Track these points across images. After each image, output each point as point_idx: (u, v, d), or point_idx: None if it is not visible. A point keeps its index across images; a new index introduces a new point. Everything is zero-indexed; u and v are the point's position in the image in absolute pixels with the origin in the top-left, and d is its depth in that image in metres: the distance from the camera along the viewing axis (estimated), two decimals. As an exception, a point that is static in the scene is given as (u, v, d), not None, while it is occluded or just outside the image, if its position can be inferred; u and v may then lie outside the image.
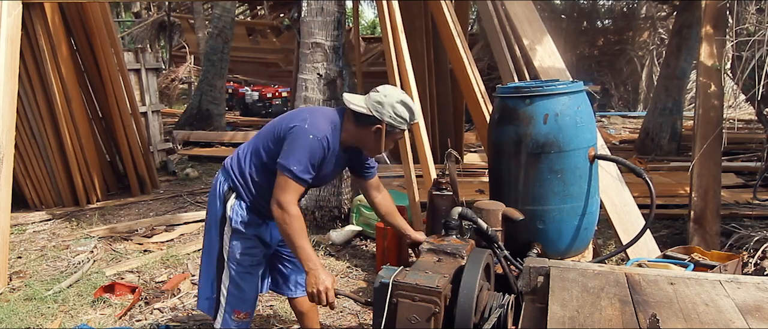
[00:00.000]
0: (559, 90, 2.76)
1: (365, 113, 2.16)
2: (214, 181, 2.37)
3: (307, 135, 2.10)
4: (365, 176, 2.45)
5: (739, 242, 3.98)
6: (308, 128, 2.11)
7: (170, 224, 5.20)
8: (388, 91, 2.19)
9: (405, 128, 2.22)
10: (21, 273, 4.13)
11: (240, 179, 2.28)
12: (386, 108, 2.15)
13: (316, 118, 2.17)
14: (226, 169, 2.33)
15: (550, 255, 2.75)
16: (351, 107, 2.18)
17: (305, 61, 4.70)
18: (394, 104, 2.16)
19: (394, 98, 2.17)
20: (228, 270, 2.33)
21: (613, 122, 10.91)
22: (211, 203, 2.36)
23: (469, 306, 1.81)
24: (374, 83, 8.70)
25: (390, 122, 2.16)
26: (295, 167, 2.08)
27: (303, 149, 2.09)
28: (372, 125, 2.17)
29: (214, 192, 2.35)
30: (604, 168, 3.52)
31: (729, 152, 6.66)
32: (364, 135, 2.21)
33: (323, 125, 2.15)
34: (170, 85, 15.26)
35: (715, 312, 1.48)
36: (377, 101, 2.16)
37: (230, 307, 2.36)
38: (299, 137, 2.11)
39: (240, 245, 2.30)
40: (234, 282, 2.33)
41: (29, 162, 5.63)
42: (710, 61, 4.24)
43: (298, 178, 2.09)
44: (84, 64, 5.96)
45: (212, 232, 2.36)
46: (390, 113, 2.15)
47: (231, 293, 2.34)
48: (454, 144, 6.41)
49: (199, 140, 8.98)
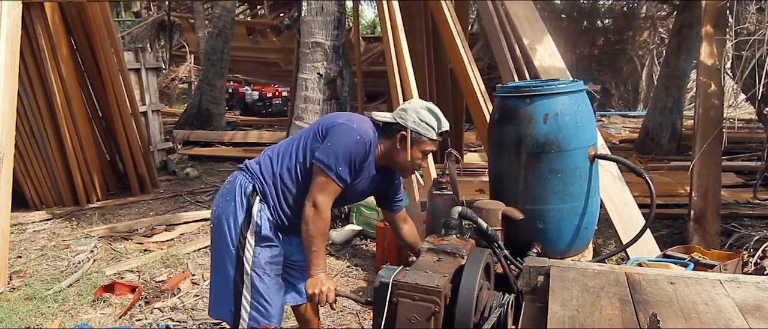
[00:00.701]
0: (559, 90, 2.76)
1: (390, 122, 2.12)
2: (231, 182, 2.20)
3: (354, 135, 2.03)
4: (393, 210, 2.39)
5: (739, 241, 3.98)
6: (356, 127, 2.04)
7: (170, 224, 5.20)
8: (414, 100, 2.18)
9: (432, 135, 2.12)
10: (21, 273, 4.13)
11: (269, 182, 2.14)
12: (409, 114, 2.11)
13: (362, 121, 2.10)
14: (250, 170, 2.19)
15: (550, 254, 2.75)
16: (377, 118, 2.14)
17: (305, 61, 4.70)
18: (418, 110, 2.11)
19: (418, 104, 2.14)
20: (252, 280, 2.14)
21: (613, 121, 10.91)
22: (226, 209, 2.16)
23: (469, 305, 1.81)
24: (374, 82, 8.72)
25: (414, 128, 2.09)
26: (338, 167, 2.00)
27: (347, 148, 2.01)
28: (397, 133, 2.12)
29: (233, 196, 2.16)
30: (604, 168, 3.52)
31: (729, 151, 6.66)
32: (392, 147, 2.14)
33: (369, 131, 2.08)
34: (170, 84, 15.27)
35: (715, 312, 1.48)
36: (401, 109, 2.14)
37: (255, 322, 2.17)
38: (345, 134, 2.03)
39: (268, 253, 2.15)
40: (260, 294, 2.15)
41: (29, 162, 5.63)
42: (710, 61, 4.24)
43: (339, 178, 2.02)
44: (84, 64, 5.96)
45: (227, 241, 2.15)
46: (414, 118, 2.10)
47: (256, 307, 2.16)
48: (454, 143, 6.41)
49: (199, 139, 8.98)
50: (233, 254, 2.14)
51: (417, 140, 2.12)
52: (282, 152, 2.19)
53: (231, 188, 2.19)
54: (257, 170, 2.18)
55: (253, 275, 2.14)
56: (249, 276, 2.14)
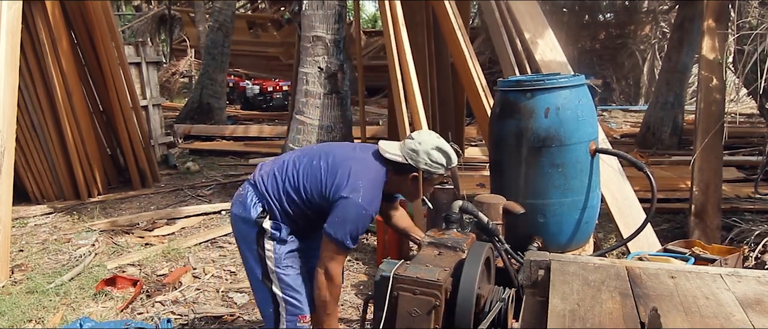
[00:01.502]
0: (561, 84, 2.76)
1: (401, 162, 2.18)
2: (243, 198, 2.28)
3: (360, 210, 2.10)
4: (391, 201, 2.49)
5: (740, 236, 3.98)
6: (361, 202, 2.10)
7: (171, 218, 5.20)
8: (423, 137, 2.22)
9: (443, 172, 2.23)
10: (23, 266, 4.14)
11: (276, 201, 2.23)
12: (421, 156, 2.17)
13: (367, 187, 2.13)
14: (260, 191, 2.25)
15: (550, 248, 2.75)
16: (387, 156, 2.20)
17: (306, 55, 4.69)
18: (430, 151, 2.18)
19: (429, 144, 2.19)
20: (278, 277, 2.25)
21: (614, 115, 10.89)
22: (241, 224, 2.28)
23: (470, 299, 1.81)
24: (375, 76, 8.68)
25: (425, 169, 2.19)
26: (347, 241, 2.10)
27: (355, 223, 2.10)
28: (409, 173, 2.20)
29: (245, 210, 2.25)
30: (605, 162, 3.51)
31: (730, 146, 6.64)
32: (402, 182, 2.24)
33: (375, 193, 2.16)
34: (171, 78, 15.24)
35: (715, 306, 1.48)
36: (412, 150, 2.18)
37: (293, 316, 2.27)
38: (351, 211, 2.10)
39: (285, 248, 2.25)
40: (290, 286, 2.26)
41: (30, 155, 5.64)
42: (712, 55, 4.22)
43: (347, 248, 2.13)
44: (84, 58, 5.95)
45: (249, 245, 2.28)
46: (426, 160, 2.18)
47: (289, 301, 2.26)
48: (455, 138, 6.38)
49: (200, 133, 8.97)
50: (256, 256, 2.26)
51: (427, 178, 2.23)
52: (290, 186, 2.23)
53: (243, 201, 2.28)
54: (264, 189, 2.25)
55: (278, 271, 2.25)
56: (274, 273, 2.25)
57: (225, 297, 3.61)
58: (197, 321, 3.30)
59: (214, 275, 3.94)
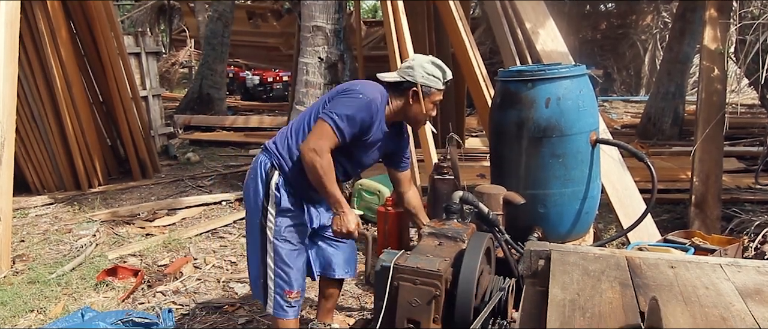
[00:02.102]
0: (562, 74, 2.75)
1: (399, 81, 2.24)
2: (254, 164, 2.35)
3: (357, 94, 2.16)
4: (401, 168, 2.51)
5: (740, 226, 3.98)
6: (359, 88, 2.18)
7: (172, 209, 5.21)
8: (416, 56, 2.31)
9: (441, 86, 2.27)
10: (24, 257, 4.15)
11: (284, 155, 2.28)
12: (417, 70, 2.24)
13: (367, 84, 2.23)
14: (268, 149, 2.33)
15: (551, 238, 2.76)
16: (384, 79, 2.27)
17: (306, 45, 4.68)
18: (424, 64, 2.24)
19: (423, 59, 2.27)
20: (274, 249, 2.29)
21: (615, 106, 10.88)
22: (251, 186, 2.33)
23: (470, 289, 1.82)
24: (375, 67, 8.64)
25: (424, 82, 2.23)
26: (338, 118, 2.11)
27: (350, 104, 2.14)
28: (408, 90, 2.25)
29: (255, 174, 2.31)
30: (605, 152, 3.51)
31: (731, 136, 6.63)
32: (404, 104, 2.28)
33: (374, 92, 2.20)
34: (171, 69, 15.22)
35: (715, 295, 1.49)
36: (407, 66, 2.26)
37: (280, 288, 2.32)
38: (349, 95, 2.16)
39: (287, 221, 2.28)
40: (282, 260, 2.30)
41: (30, 146, 5.64)
42: (714, 45, 4.21)
43: (337, 127, 2.12)
44: (84, 48, 5.94)
45: (254, 216, 2.32)
46: (422, 73, 2.23)
47: (279, 274, 2.30)
48: (456, 128, 6.39)
49: (200, 124, 8.97)
50: (257, 226, 2.30)
51: (427, 92, 2.26)
52: (296, 126, 2.32)
53: (254, 166, 2.35)
54: (274, 147, 2.32)
55: (275, 242, 2.29)
56: (272, 244, 2.29)
57: (226, 287, 3.63)
58: (198, 311, 3.31)
59: (215, 265, 3.96)
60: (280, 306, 2.33)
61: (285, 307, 2.34)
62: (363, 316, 3.05)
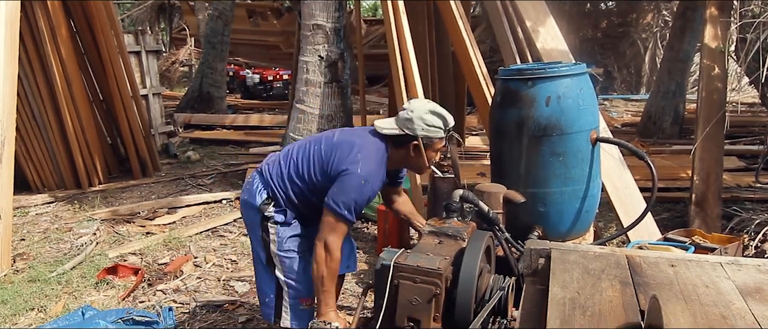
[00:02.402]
0: (562, 72, 2.75)
1: (399, 134, 2.18)
2: (250, 186, 2.32)
3: (360, 180, 2.10)
4: (394, 184, 2.49)
5: (740, 225, 3.98)
6: (361, 173, 2.10)
7: (172, 207, 5.21)
8: (414, 105, 2.22)
9: (442, 135, 2.21)
10: (24, 255, 4.15)
11: (281, 194, 2.26)
12: (416, 123, 2.16)
13: (367, 158, 2.14)
14: (265, 179, 2.29)
15: (551, 237, 2.76)
16: (384, 132, 2.21)
17: (306, 44, 4.67)
18: (423, 116, 2.17)
19: (422, 109, 2.18)
20: (281, 261, 2.28)
21: (615, 105, 10.87)
22: (248, 210, 2.32)
23: (470, 287, 1.82)
24: (376, 65, 8.59)
25: (424, 135, 2.17)
26: (346, 212, 2.09)
27: (355, 194, 2.09)
28: (409, 143, 2.19)
29: (251, 200, 2.29)
30: (606, 151, 3.51)
31: (731, 135, 6.63)
32: (405, 155, 2.23)
33: (374, 166, 2.14)
34: (171, 67, 15.21)
35: (715, 294, 1.49)
36: (406, 119, 2.18)
37: (295, 298, 2.30)
38: (352, 182, 2.10)
39: (288, 232, 2.27)
40: (292, 270, 2.28)
41: (31, 145, 5.63)
42: (714, 44, 4.20)
43: (347, 221, 2.11)
44: (84, 47, 5.93)
45: (255, 236, 2.32)
46: (421, 126, 2.16)
47: (291, 284, 2.29)
48: (456, 127, 6.37)
49: (200, 123, 8.96)
50: (260, 241, 2.30)
51: (428, 144, 2.20)
52: (293, 170, 2.27)
53: (249, 189, 2.33)
54: (271, 178, 2.29)
55: (280, 254, 2.27)
56: (277, 256, 2.28)
57: (226, 285, 3.63)
58: (199, 310, 3.31)
59: (215, 264, 3.96)
60: (298, 316, 2.32)
61: (301, 316, 2.33)
62: (363, 315, 3.05)
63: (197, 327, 3.12)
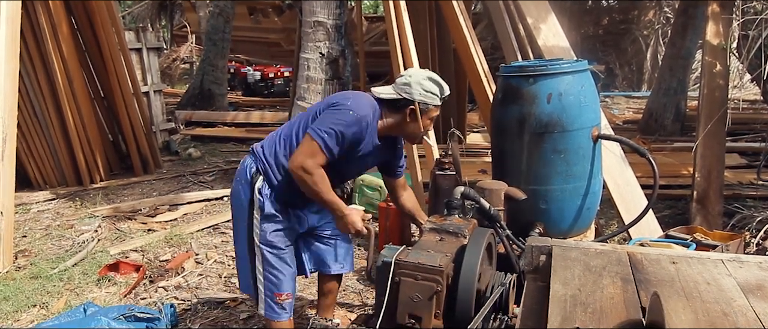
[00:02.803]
0: (563, 69, 2.75)
1: (396, 98, 2.20)
2: (241, 167, 2.34)
3: (348, 111, 2.11)
4: (396, 175, 2.50)
5: (742, 222, 3.98)
6: (350, 104, 2.12)
7: (173, 204, 5.22)
8: (412, 71, 2.25)
9: (438, 102, 2.24)
10: (26, 252, 4.16)
11: (270, 162, 2.25)
12: (414, 87, 2.19)
13: (359, 99, 2.17)
14: (255, 153, 2.31)
15: (552, 234, 2.76)
16: (380, 96, 2.22)
17: (307, 40, 4.67)
18: (421, 81, 2.19)
19: (420, 75, 2.22)
20: (261, 254, 2.28)
21: (616, 102, 10.86)
22: (238, 189, 2.32)
23: (471, 284, 1.82)
24: (376, 62, 8.60)
25: (422, 100, 2.19)
26: (325, 134, 2.07)
27: (340, 121, 2.08)
28: (405, 108, 2.20)
29: (242, 177, 2.30)
30: (607, 148, 3.51)
31: (733, 132, 6.61)
32: (401, 121, 2.23)
33: (365, 108, 2.15)
34: (172, 65, 15.21)
35: (716, 291, 1.49)
36: (404, 83, 2.20)
37: (270, 291, 2.31)
38: (339, 111, 2.11)
39: (272, 226, 2.27)
40: (270, 264, 2.29)
41: (32, 142, 5.64)
42: (716, 40, 4.19)
43: (325, 145, 2.08)
44: (85, 44, 5.93)
45: (241, 219, 2.32)
46: (419, 91, 2.19)
47: (268, 277, 2.30)
48: (457, 124, 6.37)
49: (201, 120, 8.97)
50: (245, 229, 2.30)
51: (424, 110, 2.22)
52: (285, 133, 2.30)
53: (240, 169, 2.34)
54: (261, 152, 2.30)
55: (262, 248, 2.28)
56: (259, 248, 2.28)
57: (228, 282, 3.63)
58: (200, 306, 3.32)
59: (217, 260, 3.96)
60: (271, 308, 2.33)
61: (277, 309, 2.34)
62: (364, 312, 3.05)
63: (199, 323, 3.12)
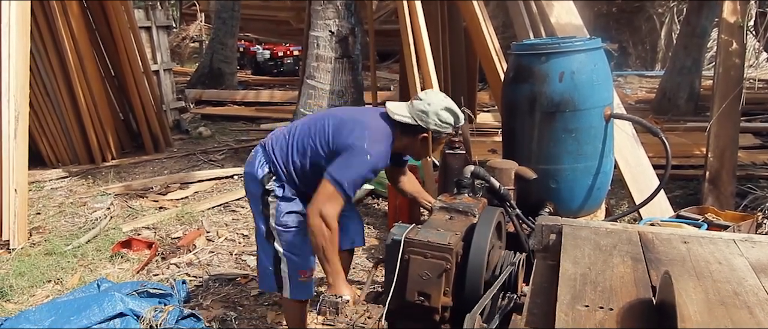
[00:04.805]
0: (576, 47, 2.71)
1: (411, 123, 2.19)
2: (253, 160, 2.33)
3: (365, 155, 2.09)
4: (398, 164, 2.51)
5: (754, 202, 3.94)
6: (367, 148, 2.10)
7: (184, 182, 5.26)
8: (432, 98, 2.22)
9: (451, 131, 2.25)
10: (41, 229, 4.22)
11: (283, 169, 2.26)
12: (431, 117, 2.18)
13: (374, 137, 2.14)
14: (267, 153, 2.30)
15: (562, 214, 2.75)
16: (395, 118, 2.20)
17: (317, 18, 4.64)
18: (439, 112, 2.19)
19: (439, 105, 2.19)
20: (280, 236, 2.29)
21: (629, 81, 10.71)
22: (250, 182, 2.34)
23: (480, 263, 1.82)
24: (386, 41, 8.53)
25: (435, 129, 2.20)
26: (346, 184, 2.07)
27: (358, 168, 2.09)
28: (418, 134, 2.21)
29: (253, 173, 2.30)
30: (619, 127, 3.47)
31: (747, 112, 6.53)
32: (411, 143, 2.25)
33: (381, 147, 2.14)
34: (181, 43, 15.18)
35: (728, 271, 1.47)
36: (421, 111, 2.19)
37: (294, 271, 2.31)
38: (357, 156, 2.09)
39: (287, 207, 2.27)
40: (290, 243, 2.29)
41: (44, 120, 5.69)
42: (733, 18, 4.11)
43: (346, 194, 2.09)
44: (95, 22, 5.93)
45: (256, 204, 2.33)
46: (435, 121, 2.19)
47: (290, 257, 2.30)
48: (468, 103, 6.31)
49: (211, 99, 8.98)
50: (261, 215, 2.31)
51: (436, 138, 2.26)
52: (297, 147, 2.26)
53: (252, 161, 2.33)
54: (273, 154, 2.29)
55: (278, 228, 2.28)
56: (275, 230, 2.28)
57: (238, 259, 3.67)
58: (211, 283, 3.36)
59: (228, 238, 4.00)
60: (298, 288, 2.34)
61: (303, 288, 2.34)
62: (374, 289, 3.08)
63: (210, 299, 3.17)
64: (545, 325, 1.33)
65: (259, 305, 3.12)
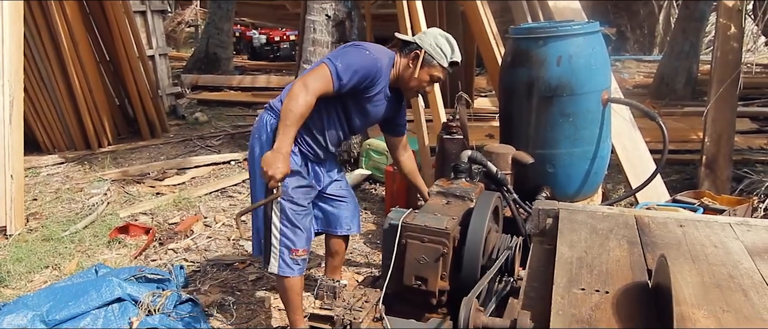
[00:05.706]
0: (574, 31, 2.70)
1: (408, 41, 2.26)
2: (258, 123, 2.31)
3: (364, 49, 2.18)
4: (396, 133, 2.52)
5: (750, 187, 3.96)
6: (367, 45, 2.21)
7: (181, 168, 5.25)
8: (436, 29, 2.33)
9: (443, 63, 2.24)
10: (37, 215, 4.22)
11: None
12: (428, 37, 2.25)
13: (376, 45, 2.27)
14: (273, 108, 2.28)
15: (559, 198, 2.76)
16: (399, 35, 2.33)
17: (313, 2, 4.59)
18: (436, 36, 2.25)
19: (438, 32, 2.28)
20: (280, 208, 2.26)
21: (627, 66, 10.69)
22: (256, 145, 2.29)
23: (477, 247, 1.83)
24: (383, 25, 8.45)
25: (428, 50, 2.22)
26: (340, 65, 2.09)
27: (354, 56, 2.16)
28: (411, 52, 2.25)
29: (260, 133, 2.28)
30: (616, 112, 3.47)
31: (745, 97, 6.52)
32: (405, 65, 2.27)
33: (381, 53, 2.22)
34: (176, 28, 15.05)
35: (723, 254, 1.48)
36: (422, 32, 2.30)
37: (287, 247, 2.30)
38: (357, 49, 2.18)
39: (294, 182, 2.25)
40: (289, 220, 2.27)
41: (39, 106, 5.65)
42: (731, 2, 4.09)
43: (336, 73, 2.09)
44: (89, 7, 5.87)
45: (259, 174, 2.22)
46: (430, 42, 2.23)
47: (285, 233, 2.28)
48: (465, 88, 6.32)
49: (207, 84, 8.93)
50: (264, 185, 2.22)
51: (428, 62, 2.24)
52: None
53: (258, 126, 2.32)
54: (279, 106, 2.24)
55: (282, 202, 2.25)
56: (278, 203, 2.26)
57: (236, 244, 3.68)
58: (209, 268, 3.37)
59: (225, 224, 4.00)
60: (285, 264, 2.32)
61: (291, 265, 2.33)
62: (371, 273, 3.09)
63: (208, 284, 3.18)
64: (542, 308, 1.34)
65: (257, 289, 3.13)
